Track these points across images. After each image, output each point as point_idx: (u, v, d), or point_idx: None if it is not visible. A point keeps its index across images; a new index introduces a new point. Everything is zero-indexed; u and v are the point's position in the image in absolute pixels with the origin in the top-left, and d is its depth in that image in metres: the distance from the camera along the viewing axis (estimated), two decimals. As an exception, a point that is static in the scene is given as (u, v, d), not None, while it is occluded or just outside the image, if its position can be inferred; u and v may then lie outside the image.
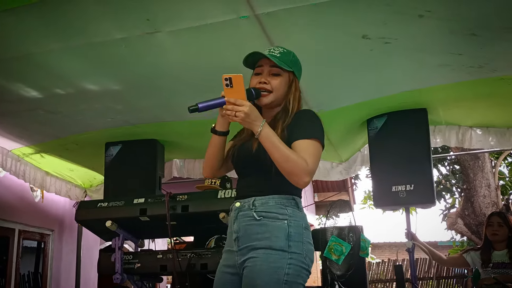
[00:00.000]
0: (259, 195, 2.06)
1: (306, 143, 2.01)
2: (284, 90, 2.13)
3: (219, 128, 2.12)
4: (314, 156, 2.00)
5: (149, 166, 4.62)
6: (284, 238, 1.99)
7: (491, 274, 3.93)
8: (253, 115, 1.92)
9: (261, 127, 1.93)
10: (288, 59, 2.14)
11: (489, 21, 2.70)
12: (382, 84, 3.61)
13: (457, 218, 8.63)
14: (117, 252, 3.39)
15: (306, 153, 1.97)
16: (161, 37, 2.80)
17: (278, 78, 2.11)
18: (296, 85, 2.16)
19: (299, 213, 2.07)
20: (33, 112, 3.92)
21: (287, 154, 1.94)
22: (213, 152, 2.17)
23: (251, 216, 2.04)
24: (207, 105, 1.95)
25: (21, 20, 2.64)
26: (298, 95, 2.16)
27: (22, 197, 5.65)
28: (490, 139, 4.58)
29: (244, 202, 2.09)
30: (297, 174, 1.95)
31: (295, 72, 2.16)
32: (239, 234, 2.06)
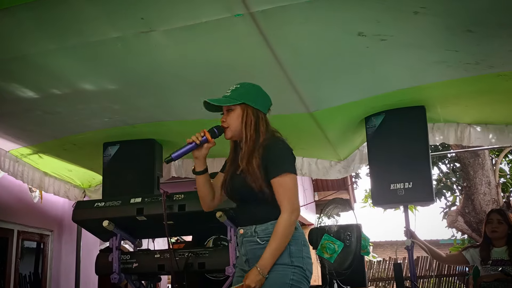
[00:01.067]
0: (259, 223, 2.32)
1: (279, 182, 2.27)
2: (238, 122, 2.38)
3: (197, 169, 2.45)
4: (289, 191, 2.27)
5: (147, 166, 4.61)
6: (287, 255, 2.26)
7: (491, 271, 3.92)
8: (255, 282, 2.20)
9: (261, 273, 2.21)
10: (237, 93, 2.39)
11: (485, 17, 2.69)
12: (379, 81, 3.60)
13: (457, 216, 8.61)
14: (115, 252, 3.39)
15: (281, 194, 2.26)
16: (156, 36, 2.79)
17: (230, 114, 2.39)
18: (249, 113, 2.38)
19: (297, 233, 2.31)
20: (30, 112, 3.91)
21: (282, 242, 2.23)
22: (201, 189, 2.48)
23: (255, 242, 2.32)
24: (179, 153, 2.34)
25: (17, 20, 2.64)
26: (250, 122, 2.37)
27: (21, 198, 5.65)
28: (489, 136, 4.57)
29: (247, 229, 2.37)
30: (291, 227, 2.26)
31: (246, 101, 2.38)
32: (248, 256, 2.36)
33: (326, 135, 4.55)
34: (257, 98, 2.43)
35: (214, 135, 2.38)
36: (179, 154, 2.31)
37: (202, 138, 2.36)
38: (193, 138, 2.36)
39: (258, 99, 2.43)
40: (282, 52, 3.02)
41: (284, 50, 3.01)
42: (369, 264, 14.12)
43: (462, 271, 12.80)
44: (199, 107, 3.94)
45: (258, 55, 3.04)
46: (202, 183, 2.47)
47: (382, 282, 14.07)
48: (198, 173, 2.45)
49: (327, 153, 5.14)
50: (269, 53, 2.99)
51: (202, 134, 2.37)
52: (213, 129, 2.39)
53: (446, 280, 13.25)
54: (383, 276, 14.15)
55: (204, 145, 2.38)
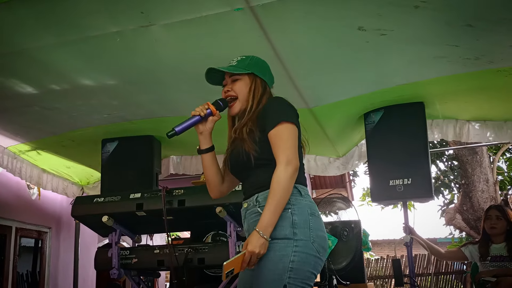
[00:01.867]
0: (261, 191, 2.10)
1: (274, 133, 2.07)
2: (247, 91, 2.22)
3: (203, 147, 2.24)
4: (284, 142, 2.05)
5: (145, 163, 4.61)
6: (289, 226, 2.01)
7: (489, 267, 3.92)
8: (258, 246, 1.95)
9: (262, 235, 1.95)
10: (245, 63, 2.25)
11: (485, 12, 2.69)
12: (378, 77, 3.60)
13: (455, 213, 8.61)
14: (114, 248, 3.38)
15: (276, 147, 2.05)
16: (155, 30, 2.78)
17: (238, 83, 2.23)
18: (257, 84, 2.23)
19: (302, 200, 2.08)
20: (29, 108, 3.90)
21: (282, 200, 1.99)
22: (209, 170, 2.26)
23: (256, 212, 2.09)
24: (183, 126, 2.12)
25: (16, 14, 2.63)
26: (259, 93, 2.22)
27: (19, 195, 5.63)
28: (488, 133, 4.57)
29: (249, 201, 2.15)
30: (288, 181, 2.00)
31: (255, 72, 2.24)
32: (250, 232, 2.08)
33: (325, 131, 4.55)
34: (265, 71, 2.30)
35: (219, 107, 2.18)
36: (182, 127, 2.10)
37: (206, 110, 2.15)
38: (197, 110, 2.15)
39: (266, 72, 2.31)
40: (281, 46, 3.01)
41: (283, 45, 3.01)
42: (366, 262, 14.14)
43: (460, 269, 12.82)
44: (198, 103, 3.96)
45: (258, 49, 3.01)
46: (208, 163, 2.25)
47: (379, 280, 14.09)
48: (203, 151, 2.24)
49: (326, 149, 5.14)
50: (268, 48, 2.98)
51: (206, 107, 2.17)
52: (217, 101, 2.20)
53: (443, 278, 13.27)
54: (380, 274, 14.17)
55: (209, 118, 2.18)
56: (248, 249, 1.94)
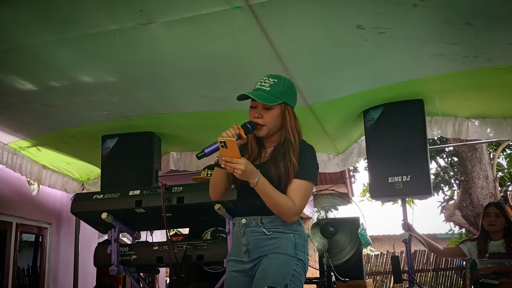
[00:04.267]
0: (266, 215, 2.30)
1: (300, 184, 2.27)
2: (277, 121, 2.32)
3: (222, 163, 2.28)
4: (303, 197, 2.28)
5: (145, 159, 4.62)
6: (292, 247, 2.28)
7: (488, 264, 3.93)
8: (249, 170, 2.16)
9: (257, 178, 2.17)
10: (278, 90, 2.30)
11: (484, 10, 2.69)
12: (377, 74, 3.60)
13: (455, 209, 8.63)
14: (113, 244, 3.39)
15: (297, 194, 2.26)
16: (155, 28, 2.79)
17: (270, 112, 2.30)
18: (290, 113, 2.34)
19: (300, 228, 2.36)
20: (28, 105, 3.91)
21: (278, 200, 2.23)
22: (219, 180, 2.38)
23: (260, 232, 2.30)
24: (212, 148, 2.21)
25: (15, 11, 2.63)
26: (294, 123, 2.34)
27: (19, 191, 5.65)
28: (488, 130, 4.57)
29: (251, 220, 2.33)
30: (285, 215, 2.26)
31: (286, 101, 2.32)
32: (249, 247, 2.32)
33: (324, 128, 4.55)
34: (294, 97, 2.38)
35: (248, 131, 2.28)
36: (212, 149, 2.20)
37: (237, 135, 2.23)
38: (228, 134, 2.21)
39: (295, 97, 2.39)
40: (280, 44, 3.02)
41: (282, 43, 3.01)
42: (366, 258, 14.16)
43: (459, 265, 12.84)
44: (198, 100, 3.98)
45: (257, 47, 3.04)
46: (223, 176, 2.36)
47: (379, 276, 14.11)
48: (221, 166, 2.29)
49: (325, 146, 5.15)
50: (267, 46, 2.99)
51: (237, 131, 2.24)
52: (246, 125, 2.29)
53: (443, 274, 13.28)
54: (380, 270, 14.19)
55: (237, 141, 2.24)
56: (241, 163, 2.12)
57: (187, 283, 3.46)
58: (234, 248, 2.41)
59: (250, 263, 2.31)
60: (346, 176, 10.52)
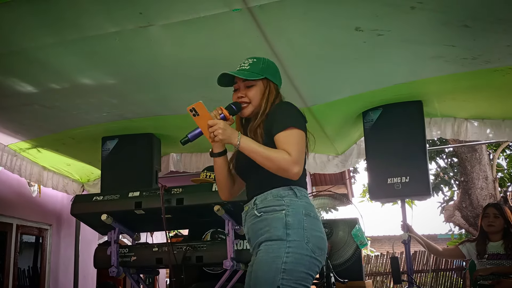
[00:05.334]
0: (259, 193, 2.16)
1: (284, 135, 2.09)
2: (260, 97, 2.25)
3: (215, 150, 2.25)
4: (295, 144, 2.07)
5: (145, 160, 4.63)
6: (282, 227, 2.05)
7: (487, 265, 3.94)
8: (229, 129, 2.07)
9: (239, 137, 2.07)
10: (258, 67, 2.27)
11: (481, 13, 2.71)
12: (376, 76, 3.61)
13: (454, 210, 8.64)
14: (113, 246, 3.39)
15: (286, 144, 2.07)
16: (154, 31, 2.81)
17: (252, 89, 2.24)
18: (271, 89, 2.27)
19: (297, 201, 2.12)
20: (29, 107, 3.92)
21: (268, 154, 2.05)
22: (220, 173, 2.30)
23: (254, 215, 2.15)
24: (196, 133, 2.14)
25: (15, 14, 2.64)
26: (272, 98, 2.25)
27: (19, 192, 5.66)
28: (487, 131, 4.58)
29: (249, 204, 2.21)
30: (284, 169, 2.04)
31: (268, 76, 2.27)
32: (249, 235, 2.20)
33: (323, 129, 4.57)
34: (276, 74, 2.33)
35: (233, 111, 2.19)
36: (195, 134, 2.12)
37: (220, 116, 2.13)
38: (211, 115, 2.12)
39: (277, 75, 2.34)
40: (279, 46, 3.03)
41: (281, 45, 3.02)
42: (366, 259, 14.15)
43: (459, 266, 12.83)
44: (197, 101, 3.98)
45: (256, 49, 3.04)
46: (221, 166, 2.27)
47: (380, 276, 14.10)
48: (216, 154, 2.25)
49: (324, 147, 5.16)
50: (266, 48, 3.00)
51: (220, 111, 2.14)
52: (231, 105, 2.20)
53: (443, 275, 13.27)
54: (380, 271, 14.18)
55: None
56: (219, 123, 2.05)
57: (186, 285, 3.46)
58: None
59: (254, 254, 2.18)
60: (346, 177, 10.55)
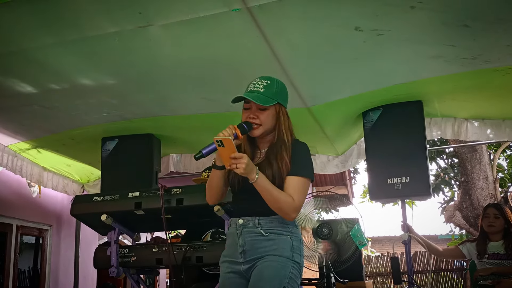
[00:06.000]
0: (263, 216, 2.31)
1: (297, 181, 2.29)
2: (272, 121, 2.36)
3: (219, 164, 2.35)
4: (301, 193, 2.29)
5: (145, 161, 4.62)
6: (289, 249, 2.30)
7: (487, 265, 3.93)
8: (251, 165, 2.18)
9: (257, 174, 2.20)
10: (272, 91, 2.35)
11: (481, 12, 2.70)
12: (376, 76, 3.61)
13: (455, 211, 8.63)
14: (113, 246, 3.40)
15: (295, 190, 2.27)
16: (153, 31, 2.80)
17: (265, 112, 2.34)
18: (284, 114, 2.39)
19: (297, 230, 2.39)
20: (28, 107, 3.92)
21: (277, 196, 2.23)
22: (216, 183, 2.42)
23: (257, 233, 2.31)
24: (209, 149, 2.22)
25: (15, 14, 2.64)
26: (288, 123, 2.39)
27: (19, 193, 5.66)
28: (487, 131, 4.58)
29: (248, 220, 2.34)
30: (284, 212, 2.27)
31: (280, 101, 2.36)
32: (245, 248, 2.32)
33: (323, 129, 4.56)
34: (286, 97, 2.43)
35: (244, 131, 2.31)
36: (209, 150, 2.21)
37: (233, 135, 2.25)
38: (225, 134, 2.22)
39: (287, 98, 2.44)
40: (279, 46, 3.03)
41: (281, 45, 3.02)
42: (367, 259, 14.15)
43: (460, 266, 12.83)
44: (197, 102, 3.98)
45: (255, 49, 3.05)
46: (220, 177, 2.40)
47: (380, 277, 14.09)
48: (220, 167, 2.35)
49: (324, 147, 5.16)
50: (266, 48, 3.00)
51: (234, 131, 2.26)
52: (242, 125, 2.32)
53: (444, 275, 13.27)
54: (381, 271, 14.17)
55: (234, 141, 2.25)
56: (244, 158, 2.14)
57: (186, 285, 3.46)
58: (229, 249, 2.41)
59: (245, 264, 2.31)
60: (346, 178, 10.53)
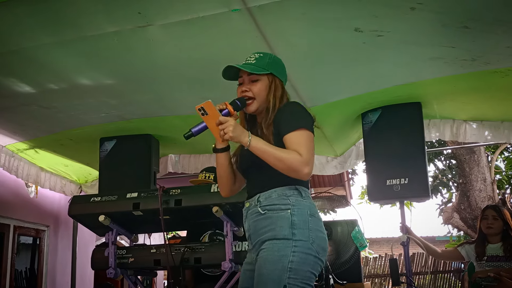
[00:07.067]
0: (263, 191, 2.14)
1: (294, 135, 2.07)
2: (266, 93, 2.21)
3: (218, 146, 2.22)
4: (305, 145, 2.04)
5: (144, 161, 4.61)
6: (288, 227, 2.04)
7: (486, 267, 3.93)
8: (239, 128, 2.04)
9: (249, 137, 2.03)
10: (264, 62, 2.23)
11: (481, 14, 2.71)
12: (375, 77, 3.61)
13: (453, 212, 8.63)
14: (111, 247, 3.38)
15: (297, 145, 2.04)
16: (153, 31, 2.80)
17: (257, 84, 2.20)
18: (276, 84, 2.23)
19: (303, 201, 2.11)
20: (27, 107, 3.91)
21: (279, 155, 2.02)
22: (222, 169, 2.27)
23: (257, 212, 2.13)
24: (199, 127, 2.08)
25: (13, 14, 2.63)
26: (279, 93, 2.22)
27: (17, 193, 5.64)
28: (485, 133, 4.58)
29: (251, 201, 2.18)
30: (294, 169, 2.01)
31: (274, 72, 2.23)
32: (250, 231, 2.16)
33: (322, 130, 4.56)
34: (282, 70, 2.29)
35: (237, 107, 2.15)
36: (199, 129, 2.07)
37: (224, 111, 2.10)
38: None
39: (283, 71, 2.30)
40: (278, 47, 3.02)
41: (280, 45, 3.01)
42: (365, 261, 14.16)
43: (458, 268, 12.83)
44: (196, 102, 3.97)
45: (255, 50, 3.01)
46: (223, 162, 2.24)
47: (378, 278, 14.10)
48: (219, 150, 2.21)
49: (323, 148, 5.15)
50: (265, 48, 2.99)
51: (224, 106, 2.11)
52: (235, 101, 2.16)
53: (441, 277, 13.28)
54: (379, 273, 14.18)
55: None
56: (230, 121, 2.01)
57: (184, 286, 3.45)
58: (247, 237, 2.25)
59: (253, 252, 2.16)
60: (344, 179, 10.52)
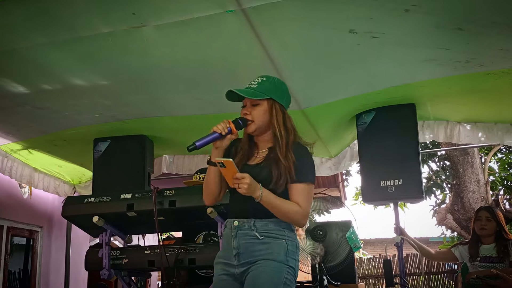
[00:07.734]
0: (259, 218, 2.29)
1: (302, 187, 2.30)
2: (265, 117, 2.35)
3: (214, 159, 2.30)
4: (307, 199, 2.31)
5: (138, 162, 4.60)
6: (284, 254, 2.28)
7: (479, 268, 3.94)
8: (253, 184, 2.18)
9: (261, 190, 2.19)
10: (264, 87, 2.35)
11: (475, 16, 2.71)
12: (369, 79, 3.61)
13: (446, 213, 8.65)
14: (104, 248, 3.38)
15: (301, 197, 2.28)
16: (147, 31, 2.79)
17: (257, 108, 2.35)
18: (277, 109, 2.35)
19: (293, 234, 2.36)
20: (20, 107, 3.89)
21: (285, 208, 2.25)
22: (212, 180, 2.39)
23: (252, 236, 2.29)
24: (203, 142, 2.22)
25: (7, 13, 2.62)
26: (281, 118, 2.35)
27: (10, 193, 5.62)
28: (479, 134, 4.60)
29: (244, 222, 2.32)
30: (295, 222, 2.32)
31: (273, 97, 2.35)
32: (239, 250, 2.30)
33: (317, 132, 4.56)
34: (283, 95, 2.41)
35: (239, 126, 2.32)
36: (202, 143, 2.21)
37: (227, 129, 2.27)
38: (219, 128, 2.26)
39: (284, 95, 2.41)
40: (273, 48, 3.02)
41: (275, 47, 3.02)
42: (359, 262, 14.19)
43: (451, 269, 12.88)
44: (191, 103, 3.97)
45: (250, 51, 3.04)
46: (215, 174, 2.37)
47: (372, 279, 14.13)
48: (214, 163, 2.32)
49: (318, 150, 5.15)
50: (260, 50, 2.99)
51: (228, 125, 2.28)
52: (238, 120, 2.32)
53: (435, 278, 13.33)
54: (373, 274, 14.21)
55: (227, 136, 2.30)
56: (246, 178, 2.14)
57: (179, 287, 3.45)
58: (223, 251, 2.39)
59: (239, 268, 2.29)
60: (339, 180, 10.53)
